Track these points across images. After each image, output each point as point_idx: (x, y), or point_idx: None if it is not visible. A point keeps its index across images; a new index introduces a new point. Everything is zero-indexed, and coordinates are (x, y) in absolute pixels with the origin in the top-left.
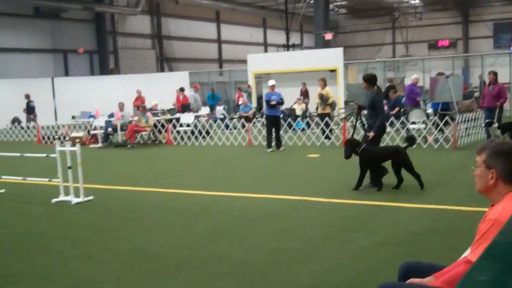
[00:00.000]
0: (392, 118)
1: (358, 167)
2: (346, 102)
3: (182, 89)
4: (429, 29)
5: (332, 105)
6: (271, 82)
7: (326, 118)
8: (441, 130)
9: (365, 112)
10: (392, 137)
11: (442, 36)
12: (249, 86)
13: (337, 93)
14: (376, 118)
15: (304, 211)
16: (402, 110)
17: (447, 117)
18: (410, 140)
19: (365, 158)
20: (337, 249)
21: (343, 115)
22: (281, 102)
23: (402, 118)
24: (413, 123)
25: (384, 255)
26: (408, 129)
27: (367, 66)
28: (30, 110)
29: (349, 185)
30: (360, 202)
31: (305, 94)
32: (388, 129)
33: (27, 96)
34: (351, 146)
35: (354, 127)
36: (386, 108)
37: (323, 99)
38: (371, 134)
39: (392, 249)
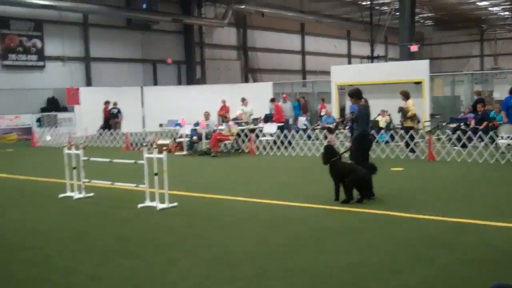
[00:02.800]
0: (480, 133)
1: (443, 182)
2: (432, 115)
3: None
4: None
5: (413, 119)
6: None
7: (411, 131)
8: None
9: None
10: (479, 153)
11: None
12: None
13: (422, 105)
14: (359, 130)
15: (385, 225)
16: (490, 124)
17: None
18: (372, 168)
19: (331, 170)
20: (420, 266)
21: (429, 128)
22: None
23: (491, 133)
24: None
25: (470, 274)
26: (497, 145)
27: (453, 78)
28: (112, 115)
29: (431, 200)
30: (443, 219)
31: (304, 108)
32: (476, 143)
33: (108, 102)
34: (327, 154)
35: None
36: (473, 122)
37: (403, 112)
38: (349, 144)
39: (479, 269)
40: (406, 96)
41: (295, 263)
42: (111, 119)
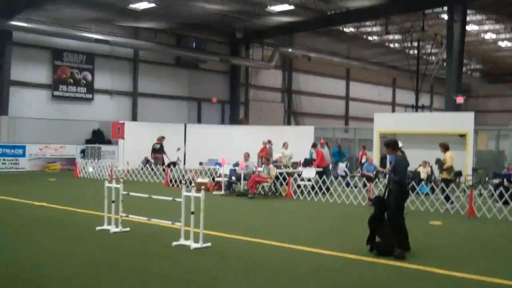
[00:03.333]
0: None
1: (482, 239)
2: (474, 169)
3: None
4: None
5: (449, 171)
6: (399, 144)
7: (451, 184)
8: None
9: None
10: None
11: None
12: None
13: (465, 159)
14: (397, 182)
15: (421, 283)
16: None
17: None
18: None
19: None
20: None
21: (470, 183)
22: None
23: None
24: None
25: None
26: None
27: (498, 132)
28: (154, 151)
29: (468, 257)
30: (479, 278)
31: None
32: None
33: (162, 138)
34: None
35: (385, 188)
36: None
37: (439, 163)
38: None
39: None
40: (445, 148)
41: None
42: (152, 154)
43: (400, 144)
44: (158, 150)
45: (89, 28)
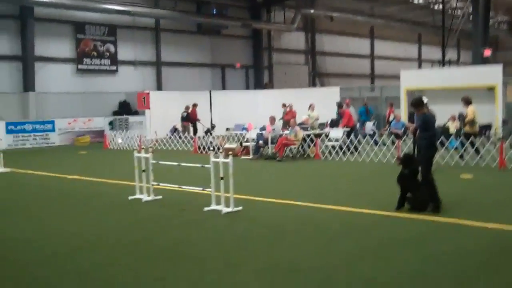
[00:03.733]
0: None
1: (507, 190)
2: (504, 121)
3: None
4: None
5: (472, 124)
6: (424, 100)
7: (471, 137)
8: None
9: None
10: None
11: None
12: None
13: (495, 112)
14: (427, 139)
15: (452, 235)
16: None
17: None
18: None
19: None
20: (490, 277)
21: (501, 135)
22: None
23: None
24: None
25: None
26: None
27: None
28: (182, 119)
29: (500, 208)
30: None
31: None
32: None
33: (195, 105)
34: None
35: (414, 146)
36: None
37: (462, 117)
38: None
39: None
40: (467, 102)
41: (361, 272)
42: (182, 122)
43: (425, 100)
44: (185, 118)
45: (109, 0)
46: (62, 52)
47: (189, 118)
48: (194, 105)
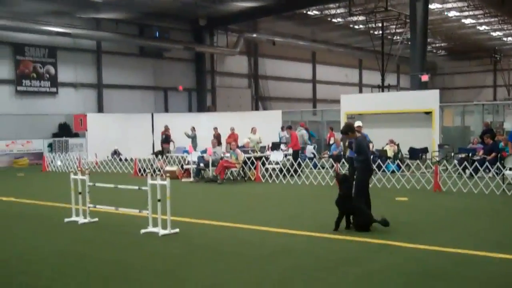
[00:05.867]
0: (487, 163)
1: (448, 212)
2: (440, 145)
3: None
4: None
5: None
6: (358, 123)
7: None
8: None
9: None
10: (486, 183)
11: None
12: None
13: (432, 135)
14: (362, 162)
15: (385, 255)
16: (499, 155)
17: None
18: (384, 222)
19: (342, 202)
20: None
21: (437, 159)
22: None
23: (498, 163)
24: (511, 169)
25: None
26: (504, 176)
27: (464, 109)
28: (163, 141)
29: (433, 230)
30: (444, 250)
31: (218, 138)
32: (483, 174)
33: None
34: (344, 183)
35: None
36: (481, 152)
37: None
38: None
39: None
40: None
41: None
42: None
43: (359, 124)
44: (164, 140)
45: (50, 22)
46: (0, 73)
47: (168, 139)
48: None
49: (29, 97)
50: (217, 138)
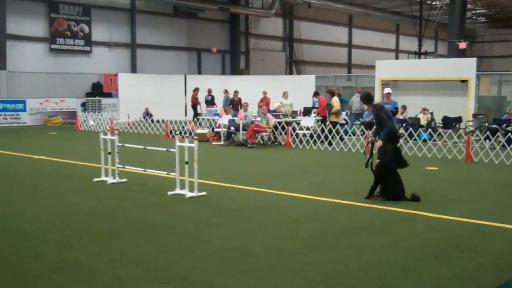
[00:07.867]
0: None
1: (477, 183)
2: (474, 115)
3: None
4: None
5: (337, 114)
6: (387, 90)
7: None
8: None
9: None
10: None
11: None
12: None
13: (467, 105)
14: (386, 133)
15: (410, 225)
16: None
17: None
18: (415, 199)
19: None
20: (437, 267)
21: (471, 128)
22: (394, 112)
23: None
24: None
25: (486, 279)
26: None
27: (500, 78)
28: (207, 103)
29: (461, 201)
30: (471, 221)
31: (236, 103)
32: None
33: (197, 89)
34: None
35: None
36: None
37: (328, 108)
38: (379, 143)
39: (497, 274)
40: (331, 93)
41: (314, 257)
42: (207, 106)
43: (388, 90)
44: (209, 102)
45: None
46: (35, 31)
47: (213, 101)
48: (196, 89)
49: (63, 55)
50: (235, 103)
